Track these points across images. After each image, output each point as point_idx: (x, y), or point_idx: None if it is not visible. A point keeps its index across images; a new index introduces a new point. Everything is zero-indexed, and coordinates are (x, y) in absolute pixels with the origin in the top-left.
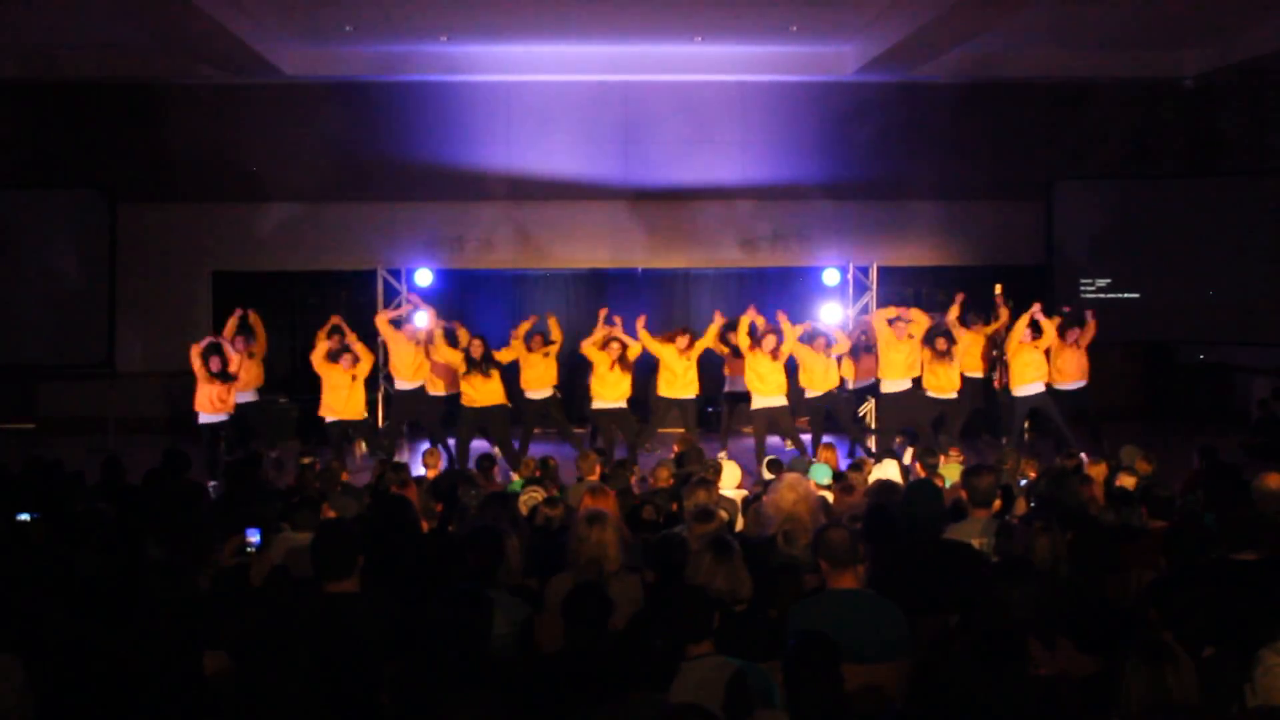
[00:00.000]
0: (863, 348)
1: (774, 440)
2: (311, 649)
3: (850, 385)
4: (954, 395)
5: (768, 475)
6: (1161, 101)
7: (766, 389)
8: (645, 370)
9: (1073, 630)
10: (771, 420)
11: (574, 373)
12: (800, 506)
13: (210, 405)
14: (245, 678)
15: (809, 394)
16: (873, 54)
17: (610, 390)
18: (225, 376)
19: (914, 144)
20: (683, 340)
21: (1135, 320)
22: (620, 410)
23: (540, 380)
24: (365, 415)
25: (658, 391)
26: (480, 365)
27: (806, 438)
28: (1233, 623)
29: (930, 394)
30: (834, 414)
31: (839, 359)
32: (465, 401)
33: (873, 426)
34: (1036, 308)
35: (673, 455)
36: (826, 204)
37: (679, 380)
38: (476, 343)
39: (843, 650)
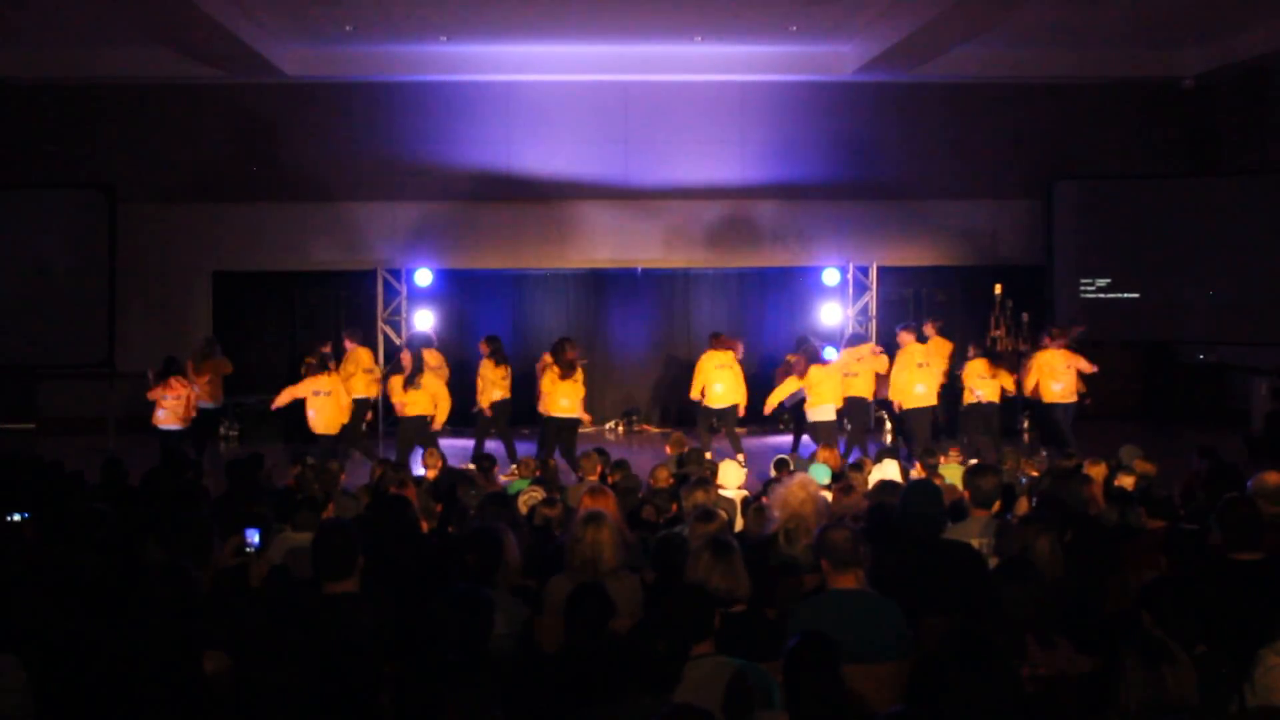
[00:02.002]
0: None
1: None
2: (311, 649)
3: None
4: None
5: (773, 473)
6: (1161, 101)
7: (828, 399)
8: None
9: (1071, 630)
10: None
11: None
12: (807, 506)
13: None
14: (245, 678)
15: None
16: (873, 54)
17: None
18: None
19: (914, 144)
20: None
21: (1135, 320)
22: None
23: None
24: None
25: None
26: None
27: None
28: (1225, 622)
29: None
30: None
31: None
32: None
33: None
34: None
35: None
36: (826, 204)
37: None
38: (406, 355)
39: (843, 650)
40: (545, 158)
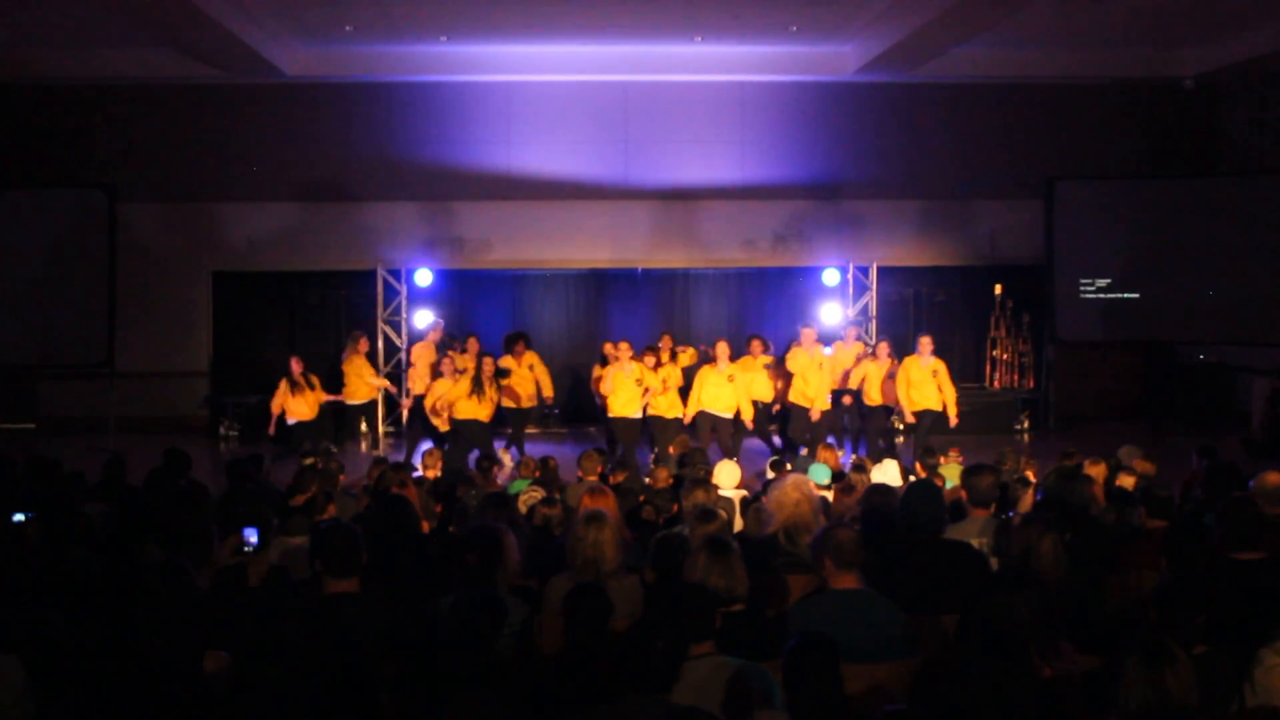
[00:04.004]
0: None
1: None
2: (311, 649)
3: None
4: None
5: (770, 474)
6: (1161, 101)
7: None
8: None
9: (1072, 630)
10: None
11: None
12: (804, 505)
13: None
14: (245, 678)
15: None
16: (873, 54)
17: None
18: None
19: (914, 144)
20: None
21: (1135, 320)
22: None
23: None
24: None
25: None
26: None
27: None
28: (1225, 622)
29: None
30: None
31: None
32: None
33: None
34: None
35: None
36: (826, 204)
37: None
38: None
39: (843, 650)
40: (545, 158)
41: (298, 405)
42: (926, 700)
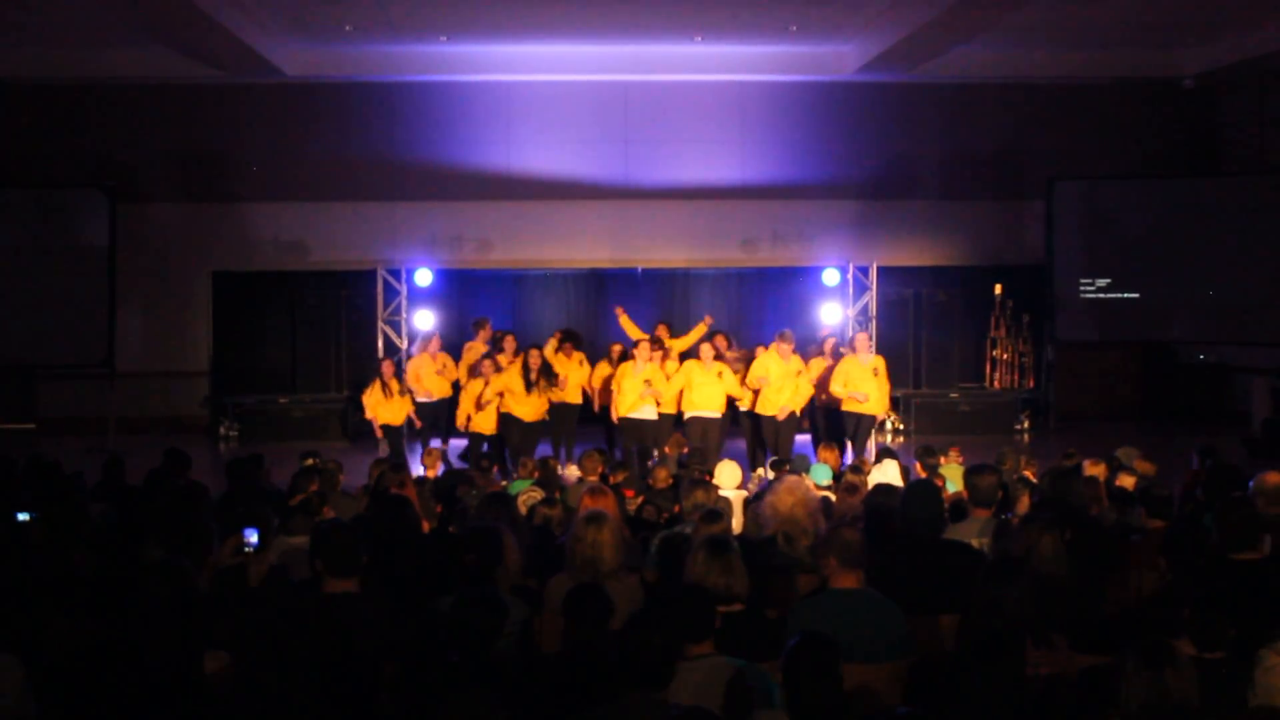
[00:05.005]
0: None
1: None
2: (311, 649)
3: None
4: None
5: (770, 475)
6: (1161, 101)
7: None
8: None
9: (1072, 630)
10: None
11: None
12: (799, 510)
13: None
14: (245, 678)
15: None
16: (873, 54)
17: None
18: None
19: (914, 144)
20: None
21: (1135, 320)
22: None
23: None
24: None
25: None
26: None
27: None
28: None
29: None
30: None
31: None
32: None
33: None
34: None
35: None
36: (826, 204)
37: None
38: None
39: (843, 650)
40: (545, 158)
41: (388, 410)
42: (919, 700)
